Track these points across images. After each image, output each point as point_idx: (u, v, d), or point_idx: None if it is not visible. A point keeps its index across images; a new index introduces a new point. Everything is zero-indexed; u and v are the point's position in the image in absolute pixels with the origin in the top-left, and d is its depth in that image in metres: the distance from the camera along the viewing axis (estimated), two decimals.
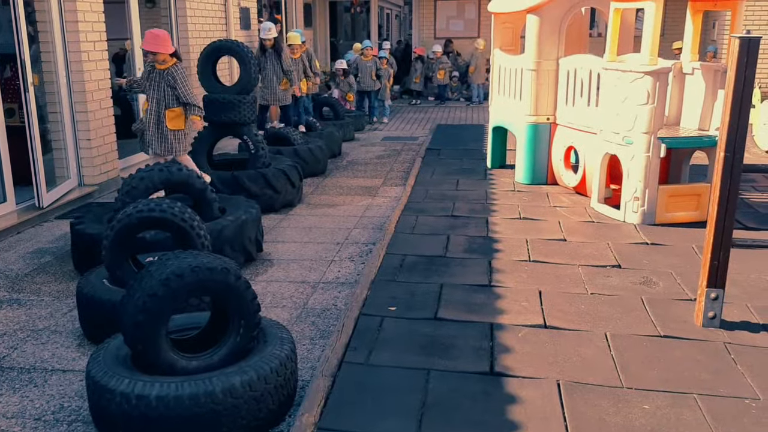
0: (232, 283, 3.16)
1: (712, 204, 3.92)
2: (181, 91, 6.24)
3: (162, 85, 6.25)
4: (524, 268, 5.07)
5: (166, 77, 6.23)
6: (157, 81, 6.26)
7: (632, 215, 6.11)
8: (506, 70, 8.04)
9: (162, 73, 6.25)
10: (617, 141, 6.15)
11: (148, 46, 6.16)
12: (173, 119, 6.32)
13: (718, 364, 3.64)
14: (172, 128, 6.33)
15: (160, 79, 6.25)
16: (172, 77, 6.21)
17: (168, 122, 6.31)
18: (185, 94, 6.27)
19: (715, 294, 4.01)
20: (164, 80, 6.23)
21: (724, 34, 13.98)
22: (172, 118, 6.31)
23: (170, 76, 6.22)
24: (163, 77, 6.24)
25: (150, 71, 6.32)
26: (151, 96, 6.31)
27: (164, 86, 6.24)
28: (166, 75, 6.23)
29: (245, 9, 11.81)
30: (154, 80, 6.27)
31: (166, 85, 6.24)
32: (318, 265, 5.35)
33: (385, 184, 8.12)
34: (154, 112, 6.30)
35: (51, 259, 5.51)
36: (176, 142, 6.38)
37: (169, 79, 6.22)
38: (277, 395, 3.10)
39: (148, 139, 6.39)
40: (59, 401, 3.42)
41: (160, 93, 6.26)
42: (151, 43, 6.13)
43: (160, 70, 6.26)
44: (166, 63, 6.25)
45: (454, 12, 18.08)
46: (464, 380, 3.47)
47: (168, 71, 6.23)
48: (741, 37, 3.69)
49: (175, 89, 6.23)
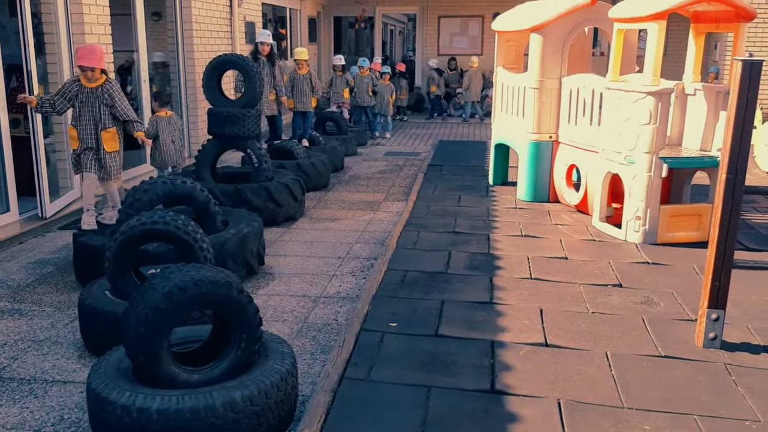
0: (235, 297, 3.17)
1: (714, 225, 3.94)
2: (120, 109, 5.82)
3: (96, 105, 5.77)
4: (525, 285, 5.07)
5: (101, 95, 5.76)
6: (90, 100, 5.77)
7: (633, 234, 6.12)
8: (509, 88, 8.08)
9: (95, 91, 5.75)
10: (619, 160, 6.18)
11: (87, 62, 5.68)
12: (110, 140, 5.90)
13: (719, 385, 3.64)
14: (109, 150, 5.92)
15: (93, 98, 5.76)
16: (108, 95, 5.76)
17: (105, 144, 5.86)
18: (125, 110, 5.86)
19: (716, 315, 4.01)
20: (98, 99, 5.76)
21: (726, 55, 14.05)
22: (109, 139, 5.88)
23: (106, 94, 5.75)
24: (97, 96, 5.75)
25: (77, 91, 5.78)
26: (84, 117, 5.79)
27: (98, 105, 5.76)
28: (100, 93, 5.76)
29: (250, 23, 11.90)
30: (85, 100, 5.77)
31: (100, 103, 5.75)
32: (319, 279, 5.36)
33: (387, 199, 8.14)
34: (89, 135, 5.84)
35: (53, 270, 5.52)
36: (114, 164, 5.99)
37: (105, 98, 5.75)
38: (277, 410, 3.10)
39: (86, 162, 5.91)
40: (59, 413, 3.42)
41: (95, 113, 5.79)
42: (90, 57, 5.68)
43: (91, 89, 5.76)
44: (98, 80, 5.77)
45: (458, 29, 18.19)
46: (465, 398, 3.47)
47: (102, 89, 5.76)
48: (744, 60, 3.72)
49: (113, 107, 5.79)
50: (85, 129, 5.79)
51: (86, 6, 7.12)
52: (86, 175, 5.95)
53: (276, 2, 14.23)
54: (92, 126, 5.75)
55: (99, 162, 5.91)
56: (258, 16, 12.41)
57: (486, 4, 17.49)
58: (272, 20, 15.16)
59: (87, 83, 5.71)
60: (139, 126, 6.00)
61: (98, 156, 5.87)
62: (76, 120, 5.81)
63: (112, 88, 5.77)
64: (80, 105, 5.73)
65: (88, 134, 5.81)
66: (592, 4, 7.09)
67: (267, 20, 14.29)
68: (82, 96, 5.73)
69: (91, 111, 5.74)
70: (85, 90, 5.72)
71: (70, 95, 5.76)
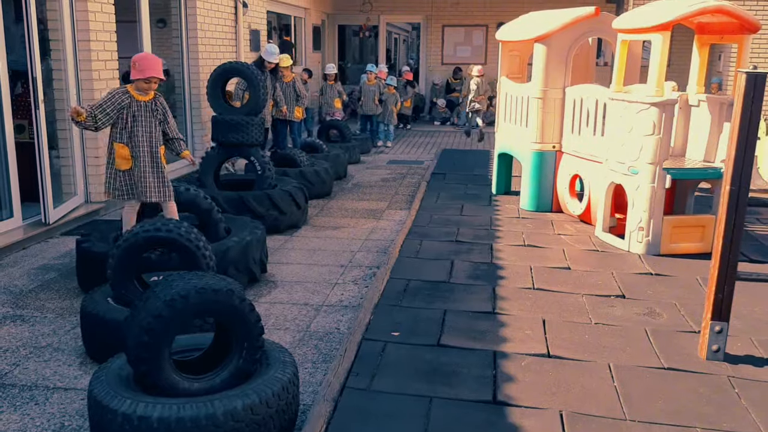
0: (237, 306, 3.17)
1: (717, 237, 3.93)
2: (172, 124, 5.23)
3: (151, 120, 5.07)
4: (528, 295, 5.06)
5: (155, 109, 5.09)
6: (144, 115, 5.04)
7: (637, 245, 6.11)
8: (513, 97, 8.09)
9: (148, 105, 5.06)
10: (623, 171, 6.17)
11: (159, 72, 5.02)
12: (164, 156, 5.27)
13: (722, 397, 3.62)
14: (166, 164, 5.33)
15: (147, 112, 5.05)
16: (162, 109, 5.13)
17: (163, 158, 5.22)
18: (175, 126, 5.28)
19: (719, 327, 3.99)
20: (152, 113, 5.07)
21: (730, 66, 14.06)
22: (163, 155, 5.24)
23: (160, 107, 5.12)
24: (150, 110, 5.07)
25: (129, 103, 4.99)
26: (138, 134, 5.02)
27: (153, 120, 5.08)
28: (153, 107, 5.09)
29: (255, 31, 11.93)
30: (138, 115, 5.02)
31: (155, 118, 5.09)
32: (321, 287, 5.36)
33: (389, 208, 8.14)
34: (147, 153, 5.07)
35: (56, 276, 5.52)
36: (169, 181, 5.32)
37: (159, 112, 5.11)
38: (278, 419, 3.09)
39: (142, 187, 5.08)
40: (60, 420, 3.41)
41: (152, 129, 5.07)
42: (160, 68, 5.05)
43: (144, 102, 5.03)
44: (150, 93, 5.08)
45: (462, 38, 18.23)
46: (467, 409, 3.46)
47: (155, 102, 5.10)
48: (748, 73, 3.72)
49: (164, 122, 5.16)
50: (140, 147, 5.02)
51: (92, 13, 7.15)
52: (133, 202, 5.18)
53: (281, 10, 14.28)
54: (148, 143, 5.04)
55: (160, 182, 5.13)
56: (263, 24, 12.45)
57: (490, 13, 17.54)
58: (277, 28, 15.21)
59: (138, 96, 4.99)
60: (184, 144, 5.36)
61: (158, 176, 5.11)
62: (128, 137, 5.00)
63: (164, 103, 5.17)
64: (133, 120, 4.98)
65: (144, 153, 5.04)
66: (596, 14, 7.10)
67: (272, 28, 14.33)
68: (135, 110, 4.99)
69: (146, 127, 5.03)
70: (138, 103, 5.00)
71: (118, 108, 4.94)
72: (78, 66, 7.15)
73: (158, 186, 5.10)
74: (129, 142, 4.99)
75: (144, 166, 5.03)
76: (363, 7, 18.06)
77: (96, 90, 7.25)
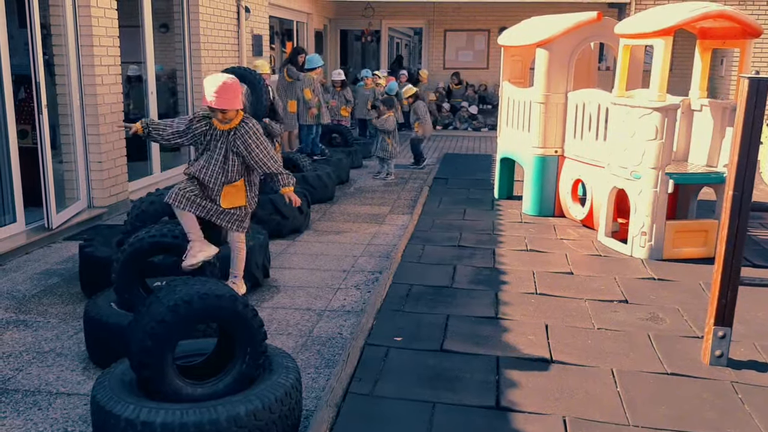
0: (240, 311, 3.17)
1: (720, 242, 3.92)
2: (256, 157, 4.32)
3: (225, 152, 4.32)
4: (531, 300, 5.06)
5: (232, 141, 4.30)
6: (218, 146, 4.34)
7: (639, 250, 6.11)
8: (515, 102, 8.10)
9: (226, 135, 4.31)
10: (625, 175, 6.17)
11: (225, 103, 4.22)
12: (232, 195, 4.45)
13: (725, 403, 3.62)
14: (227, 207, 4.44)
15: (223, 143, 4.33)
16: (242, 141, 4.28)
17: (223, 200, 4.42)
18: (264, 159, 4.35)
19: (722, 332, 3.99)
20: (228, 145, 4.32)
21: (732, 71, 14.06)
22: (231, 194, 4.44)
23: (239, 140, 4.29)
24: (227, 141, 4.31)
25: (206, 130, 4.39)
26: (208, 166, 4.37)
27: (228, 153, 4.31)
28: (231, 138, 4.30)
29: (258, 36, 11.95)
30: (211, 144, 4.36)
31: (230, 151, 4.30)
32: (324, 292, 5.36)
33: (392, 212, 8.14)
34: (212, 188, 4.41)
35: (59, 281, 5.53)
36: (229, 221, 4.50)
37: (237, 145, 4.29)
38: (281, 425, 3.09)
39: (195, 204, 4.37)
40: (63, 425, 3.41)
41: (224, 162, 4.35)
42: (228, 97, 4.21)
43: (222, 131, 4.32)
44: (232, 120, 4.31)
45: (464, 43, 18.25)
46: (470, 414, 3.45)
47: (236, 132, 4.30)
48: (750, 78, 3.73)
49: (248, 155, 4.32)
50: (210, 177, 4.37)
51: (95, 18, 7.16)
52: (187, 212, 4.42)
53: (283, 15, 14.31)
54: (216, 178, 4.36)
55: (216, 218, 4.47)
56: (265, 29, 12.47)
57: (492, 18, 17.56)
58: (279, 33, 15.23)
59: (219, 124, 4.32)
60: (287, 179, 4.49)
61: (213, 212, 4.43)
62: (204, 165, 4.39)
63: (247, 132, 4.29)
64: (205, 149, 4.35)
65: (213, 184, 4.39)
66: (598, 19, 7.11)
67: (274, 33, 14.35)
68: (210, 137, 4.35)
69: (221, 160, 4.32)
70: (215, 132, 4.33)
71: (195, 133, 4.38)
72: (81, 71, 7.16)
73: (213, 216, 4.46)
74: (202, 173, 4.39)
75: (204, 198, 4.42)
76: (365, 12, 18.09)
77: (99, 95, 7.26)
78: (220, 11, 10.42)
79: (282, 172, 4.44)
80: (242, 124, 4.31)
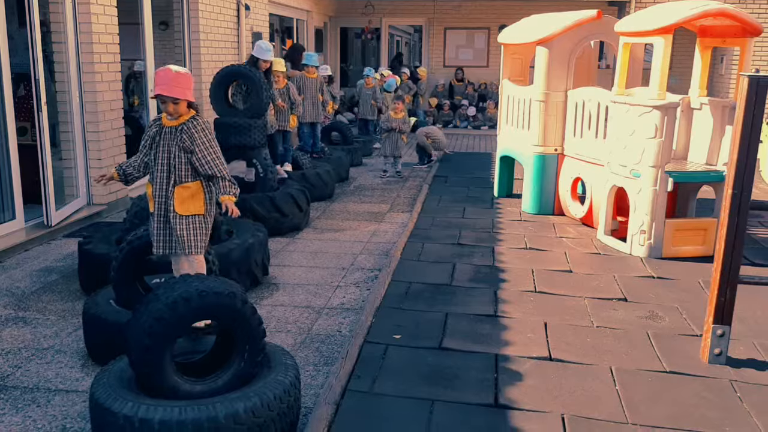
0: (239, 308, 3.17)
1: (719, 241, 3.92)
2: (201, 156, 3.88)
3: (173, 150, 3.89)
4: (530, 299, 5.06)
5: (178, 136, 3.89)
6: (166, 143, 3.91)
7: (639, 248, 6.11)
8: (514, 100, 8.09)
9: (173, 131, 3.91)
10: (625, 174, 6.17)
11: (167, 89, 3.80)
12: (185, 200, 3.92)
13: (724, 401, 3.62)
14: (182, 213, 3.91)
15: (170, 139, 3.91)
16: (188, 135, 3.87)
17: (177, 204, 3.91)
18: (209, 160, 3.89)
19: (721, 331, 3.99)
20: (176, 141, 3.89)
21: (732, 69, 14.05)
22: (185, 198, 3.92)
23: (185, 134, 3.87)
24: (175, 137, 3.89)
25: (156, 132, 3.96)
26: (157, 166, 3.93)
27: (175, 151, 3.88)
28: (178, 133, 3.89)
29: (258, 34, 11.95)
30: (161, 143, 3.93)
31: (178, 148, 3.88)
32: (323, 290, 5.36)
33: (391, 210, 8.14)
34: (161, 191, 3.94)
35: (58, 278, 5.53)
36: (188, 233, 3.92)
37: (183, 139, 3.87)
38: (280, 422, 3.09)
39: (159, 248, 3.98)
40: (61, 422, 3.42)
41: (171, 160, 3.90)
42: (172, 85, 3.81)
43: (169, 128, 3.92)
44: (181, 116, 3.91)
45: (464, 41, 18.24)
46: (468, 412, 3.45)
47: (183, 127, 3.89)
48: (750, 76, 3.72)
49: (192, 152, 3.87)
50: (157, 182, 3.94)
51: (95, 15, 7.16)
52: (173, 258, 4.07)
53: (283, 13, 14.30)
54: (164, 178, 3.91)
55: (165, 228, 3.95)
56: (265, 27, 12.46)
57: (492, 16, 17.54)
58: (279, 30, 15.22)
59: (167, 121, 3.93)
60: (229, 187, 3.97)
61: (164, 220, 3.94)
62: (151, 172, 4.00)
63: (195, 127, 3.88)
64: (155, 149, 3.94)
65: (160, 190, 3.93)
66: (598, 17, 7.10)
67: (273, 30, 14.34)
68: (159, 137, 3.95)
69: (166, 157, 3.90)
70: (164, 129, 3.93)
71: (149, 140, 3.99)
72: (81, 68, 7.16)
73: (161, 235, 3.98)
74: (152, 177, 3.99)
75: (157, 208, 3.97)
76: (365, 9, 18.07)
77: (98, 92, 7.26)
78: (219, 9, 10.41)
79: (226, 177, 3.95)
80: (192, 120, 3.90)
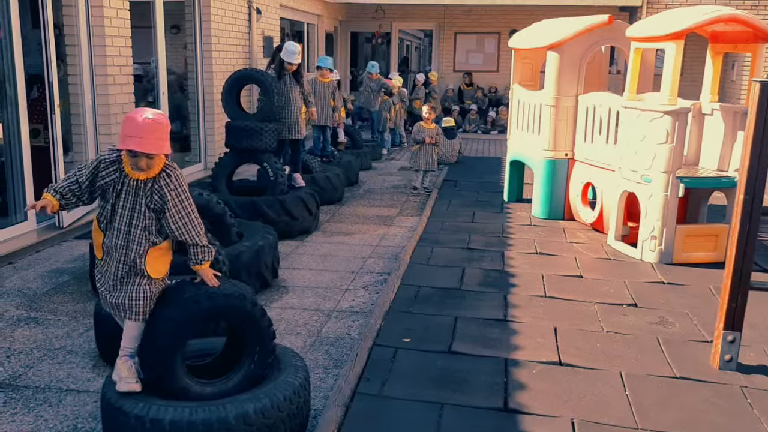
0: (249, 310, 3.18)
1: (731, 246, 3.91)
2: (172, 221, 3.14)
3: (140, 207, 3.13)
4: (540, 303, 5.05)
5: (148, 195, 3.12)
6: (131, 200, 3.15)
7: (649, 254, 6.09)
8: (525, 105, 8.09)
9: (141, 185, 3.13)
10: (635, 179, 6.15)
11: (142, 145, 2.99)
12: (157, 259, 3.21)
13: (734, 408, 3.60)
14: (155, 276, 3.19)
15: (137, 194, 3.14)
16: (159, 195, 3.12)
17: (148, 266, 3.16)
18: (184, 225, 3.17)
19: (732, 337, 3.97)
20: (144, 199, 3.13)
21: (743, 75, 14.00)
22: (157, 257, 3.20)
23: (156, 193, 3.12)
24: (143, 193, 3.13)
25: (116, 178, 3.16)
26: (117, 220, 3.17)
27: (143, 209, 3.13)
28: (148, 189, 3.12)
29: (269, 38, 12.00)
30: (125, 195, 3.15)
31: (146, 207, 3.13)
32: (333, 293, 5.37)
33: (401, 214, 8.14)
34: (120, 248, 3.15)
35: (69, 279, 5.56)
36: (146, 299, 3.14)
37: (155, 200, 3.12)
38: (290, 424, 3.10)
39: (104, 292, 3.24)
40: (73, 422, 3.44)
41: (137, 219, 3.14)
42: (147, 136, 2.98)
43: (137, 181, 3.13)
44: (153, 167, 3.12)
45: (474, 45, 18.25)
46: (478, 416, 3.45)
47: (154, 183, 3.12)
48: (762, 82, 3.71)
49: (164, 213, 3.13)
50: (114, 236, 3.17)
51: (108, 18, 7.22)
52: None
53: (294, 17, 14.36)
54: (125, 235, 3.15)
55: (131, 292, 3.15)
56: (276, 31, 12.51)
57: (503, 21, 17.55)
58: (290, 34, 15.27)
59: (133, 172, 3.14)
60: (203, 254, 3.23)
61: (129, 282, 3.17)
62: (106, 220, 3.21)
63: (168, 184, 3.13)
64: (116, 200, 3.16)
65: (119, 248, 3.16)
66: (609, 23, 7.09)
67: (285, 34, 14.40)
68: (121, 189, 3.16)
69: (128, 215, 3.15)
70: (128, 181, 3.15)
71: (103, 184, 3.18)
72: (93, 71, 7.21)
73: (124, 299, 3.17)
74: (106, 227, 3.20)
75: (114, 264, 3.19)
76: (375, 14, 18.11)
77: (111, 95, 7.31)
78: (231, 12, 10.47)
79: (200, 244, 3.21)
80: (164, 173, 3.13)
